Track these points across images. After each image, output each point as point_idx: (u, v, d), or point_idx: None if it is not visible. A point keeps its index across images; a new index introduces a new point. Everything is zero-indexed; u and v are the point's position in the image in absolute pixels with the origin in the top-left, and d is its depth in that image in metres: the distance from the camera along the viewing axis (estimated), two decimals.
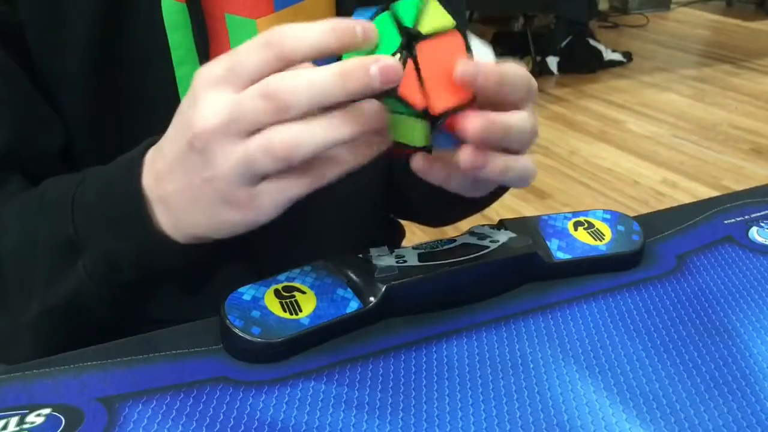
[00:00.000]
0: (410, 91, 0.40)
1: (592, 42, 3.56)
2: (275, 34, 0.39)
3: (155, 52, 0.53)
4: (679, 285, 0.55)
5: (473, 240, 0.54)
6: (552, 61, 3.43)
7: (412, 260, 0.51)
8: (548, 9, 3.50)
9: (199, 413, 0.42)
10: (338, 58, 0.40)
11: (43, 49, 0.52)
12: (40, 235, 0.48)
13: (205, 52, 0.53)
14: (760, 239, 0.60)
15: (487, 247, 0.53)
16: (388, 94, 0.40)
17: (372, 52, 0.40)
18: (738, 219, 0.63)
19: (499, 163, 0.43)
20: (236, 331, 0.45)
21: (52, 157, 0.55)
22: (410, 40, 0.41)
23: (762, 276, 0.56)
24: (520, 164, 0.44)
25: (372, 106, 0.40)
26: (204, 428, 0.41)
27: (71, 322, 0.50)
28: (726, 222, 0.63)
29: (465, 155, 0.42)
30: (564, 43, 3.46)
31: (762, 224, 0.62)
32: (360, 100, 0.40)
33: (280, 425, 0.41)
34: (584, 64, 3.46)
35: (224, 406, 0.42)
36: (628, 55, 3.65)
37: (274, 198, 0.41)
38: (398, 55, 0.40)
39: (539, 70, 3.38)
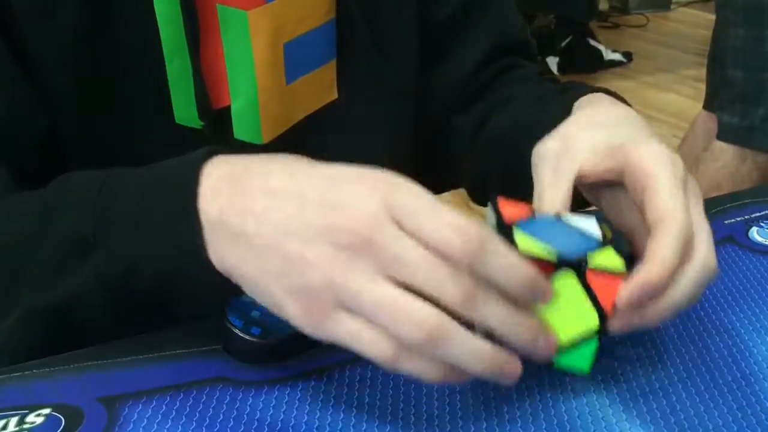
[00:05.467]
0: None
1: (592, 42, 3.55)
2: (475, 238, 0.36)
3: (146, 44, 0.53)
4: None
5: None
6: (552, 62, 3.43)
7: None
8: (548, 9, 3.50)
9: (199, 413, 0.42)
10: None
11: (32, 38, 0.51)
12: (42, 233, 0.45)
13: (195, 44, 0.53)
14: (760, 239, 0.60)
15: None
16: None
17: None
18: (738, 219, 0.63)
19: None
20: (236, 331, 0.45)
21: (37, 146, 0.53)
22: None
23: (762, 276, 0.56)
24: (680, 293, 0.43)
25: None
26: (204, 428, 0.41)
27: (52, 331, 0.46)
28: (726, 222, 0.63)
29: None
30: (564, 43, 3.46)
31: (762, 224, 0.62)
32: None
33: (280, 425, 0.41)
34: (584, 64, 3.45)
35: (224, 406, 0.42)
36: (628, 56, 3.65)
37: (347, 335, 0.37)
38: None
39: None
